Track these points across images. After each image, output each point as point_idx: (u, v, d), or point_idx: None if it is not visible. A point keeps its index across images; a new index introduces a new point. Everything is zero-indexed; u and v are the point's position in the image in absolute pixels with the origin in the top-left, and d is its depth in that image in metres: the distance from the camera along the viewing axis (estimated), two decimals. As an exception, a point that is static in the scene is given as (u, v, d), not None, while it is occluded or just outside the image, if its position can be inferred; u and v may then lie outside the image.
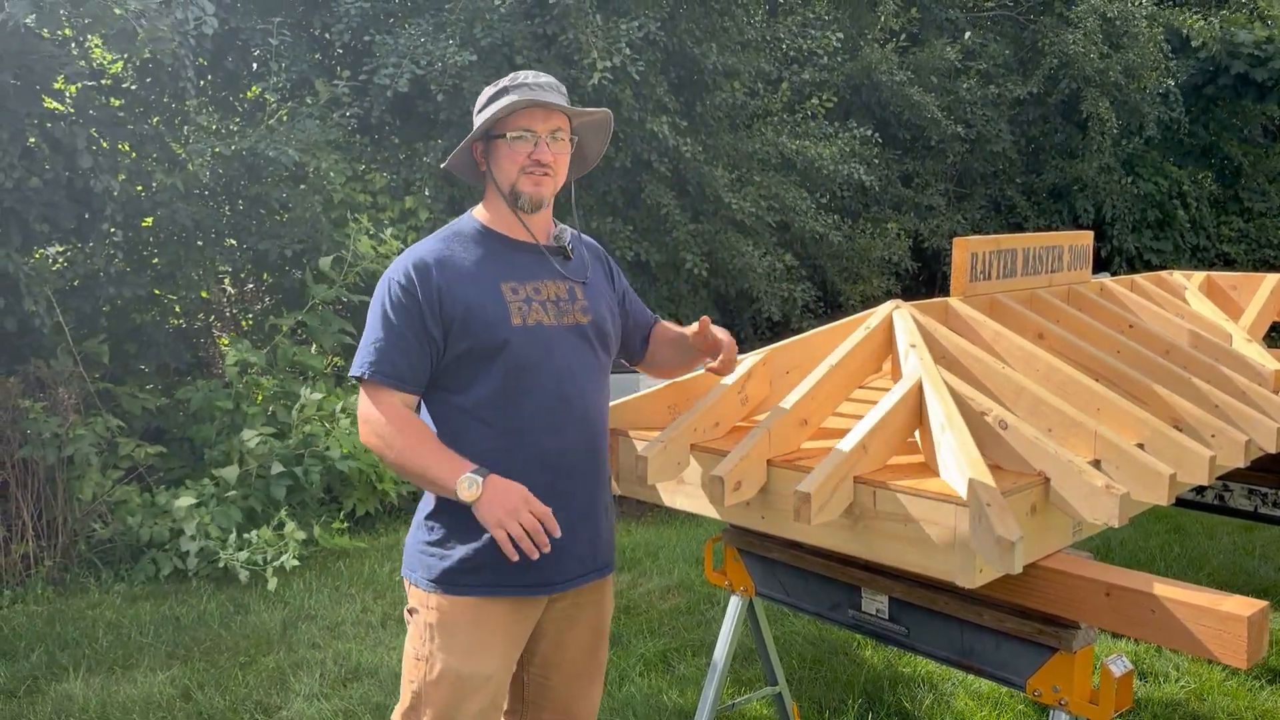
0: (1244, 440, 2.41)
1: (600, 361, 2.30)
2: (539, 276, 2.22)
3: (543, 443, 2.16)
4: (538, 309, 2.18)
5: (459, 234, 2.24)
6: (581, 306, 2.25)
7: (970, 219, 10.91)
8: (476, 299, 2.13)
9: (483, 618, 2.16)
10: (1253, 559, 5.54)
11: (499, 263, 2.20)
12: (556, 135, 2.20)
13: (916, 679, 4.03)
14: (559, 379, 2.18)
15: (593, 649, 2.39)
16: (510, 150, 2.18)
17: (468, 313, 2.12)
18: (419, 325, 2.11)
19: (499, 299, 2.14)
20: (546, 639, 2.32)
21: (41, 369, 5.47)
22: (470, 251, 2.20)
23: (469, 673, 2.15)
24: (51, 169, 5.55)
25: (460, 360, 2.14)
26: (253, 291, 8.04)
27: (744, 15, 8.67)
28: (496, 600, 2.17)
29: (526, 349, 2.14)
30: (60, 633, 4.57)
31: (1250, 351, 3.09)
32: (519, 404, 2.14)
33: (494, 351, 2.12)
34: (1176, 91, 11.52)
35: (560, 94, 2.22)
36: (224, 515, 5.43)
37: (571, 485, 2.21)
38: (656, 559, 5.60)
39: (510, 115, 2.17)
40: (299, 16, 7.65)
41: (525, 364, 2.14)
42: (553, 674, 2.36)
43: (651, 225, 8.03)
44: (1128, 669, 2.08)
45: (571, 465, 2.21)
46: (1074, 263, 3.20)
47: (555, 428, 2.17)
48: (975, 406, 2.15)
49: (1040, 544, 2.04)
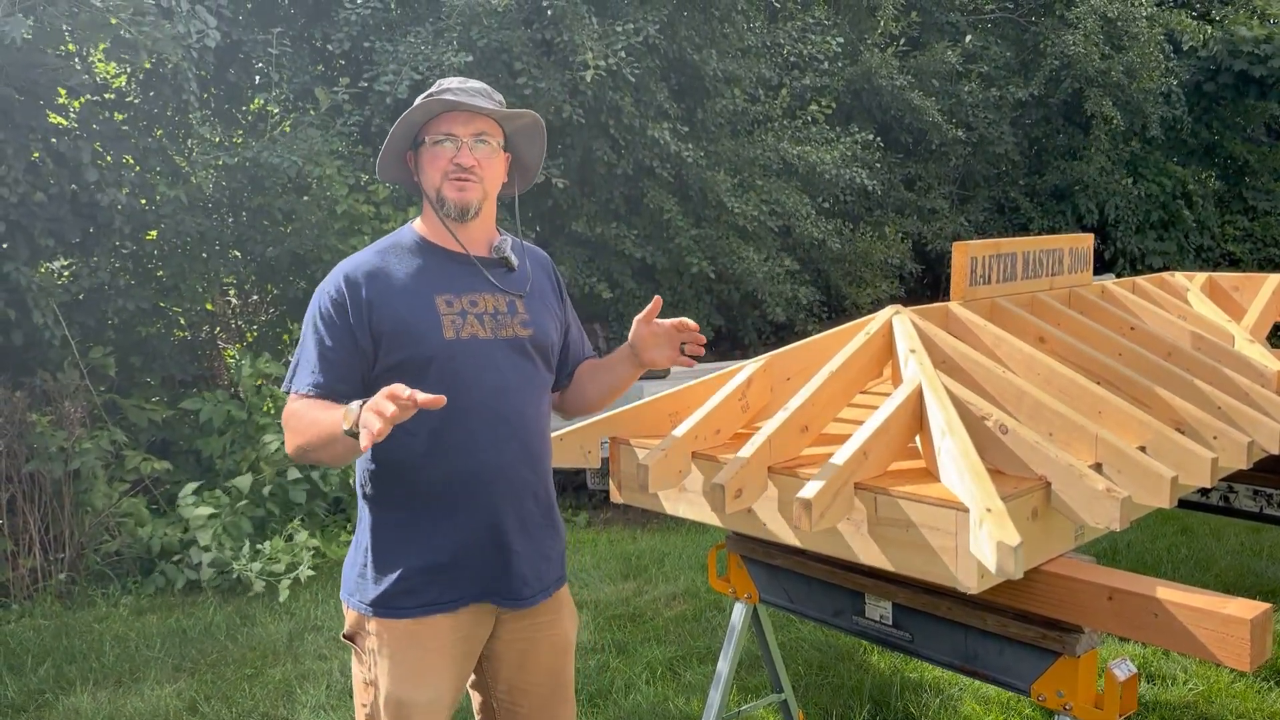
0: (1246, 442, 2.40)
1: (541, 375, 2.25)
2: (476, 289, 2.17)
3: (478, 459, 2.11)
4: (473, 322, 2.13)
5: (397, 245, 2.19)
6: (521, 319, 2.20)
7: (974, 221, 10.91)
8: (408, 311, 2.08)
9: (421, 640, 2.11)
10: (1260, 560, 5.52)
11: (434, 275, 2.14)
12: (481, 139, 2.15)
13: (923, 684, 4.02)
14: (494, 394, 2.13)
15: (558, 669, 2.33)
16: (432, 155, 2.14)
17: (397, 325, 2.07)
18: (348, 338, 2.07)
19: (431, 311, 2.10)
20: (507, 663, 2.27)
21: (48, 382, 5.49)
22: (406, 263, 2.14)
23: (410, 699, 2.10)
24: (56, 183, 5.58)
25: (391, 374, 2.06)
26: (257, 302, 8.07)
27: (743, 21, 8.69)
28: (433, 620, 2.12)
29: (459, 363, 2.09)
30: (68, 646, 4.59)
31: (1253, 352, 3.07)
32: (452, 420, 2.07)
33: (425, 365, 2.07)
34: (1179, 91, 11.52)
35: (489, 99, 2.17)
36: (235, 526, 5.45)
37: (506, 500, 2.15)
38: (662, 566, 5.60)
39: (431, 120, 2.13)
40: (300, 28, 7.69)
41: (458, 379, 2.08)
42: (520, 700, 2.30)
43: (654, 231, 8.04)
44: (1132, 673, 2.07)
45: (508, 481, 2.15)
46: (1075, 265, 3.20)
47: (491, 444, 2.12)
48: (975, 411, 2.14)
49: (1042, 548, 2.03)
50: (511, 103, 7.31)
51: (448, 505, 2.12)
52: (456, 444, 2.10)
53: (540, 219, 7.76)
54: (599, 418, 2.61)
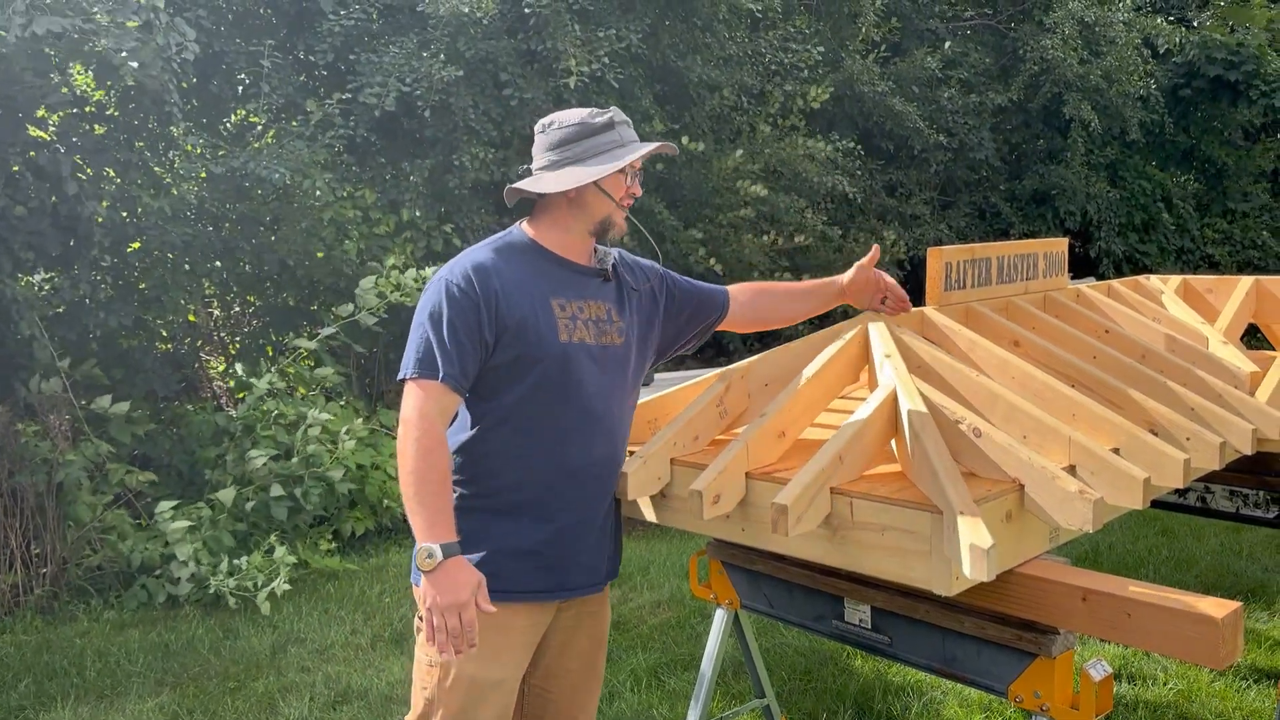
0: (1219, 442, 2.42)
1: (629, 382, 2.38)
2: (584, 296, 2.30)
3: (569, 454, 2.23)
4: (581, 327, 2.26)
5: (511, 245, 2.29)
6: (618, 328, 2.34)
7: (955, 227, 10.97)
8: (530, 310, 2.19)
9: (498, 623, 2.18)
10: (1240, 559, 5.57)
11: (549, 278, 2.26)
12: (637, 173, 2.33)
13: (906, 687, 4.03)
14: (590, 394, 2.25)
15: (592, 659, 2.45)
16: (614, 183, 2.27)
17: (522, 322, 2.17)
18: (473, 327, 2.14)
19: (549, 312, 2.22)
20: (551, 648, 2.38)
21: (32, 395, 5.46)
22: (523, 264, 2.25)
23: (484, 677, 2.19)
24: (36, 196, 5.55)
25: (503, 367, 2.19)
26: (240, 314, 8.04)
27: (725, 31, 8.73)
28: (513, 606, 2.21)
29: (566, 363, 2.21)
30: (48, 662, 4.56)
31: (1226, 354, 3.11)
32: (550, 415, 2.21)
33: (538, 363, 2.19)
34: (1157, 95, 11.63)
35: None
36: (216, 540, 5.43)
37: (594, 497, 2.29)
38: (647, 574, 5.60)
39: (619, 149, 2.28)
40: (282, 39, 7.68)
41: (562, 377, 2.21)
42: (553, 684, 2.41)
43: (648, 231, 8.08)
44: (1107, 673, 2.09)
45: (595, 478, 2.28)
46: (1049, 270, 3.23)
47: (582, 441, 2.24)
48: (949, 415, 2.16)
49: (1016, 550, 2.05)
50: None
51: (538, 499, 2.23)
52: (554, 440, 2.22)
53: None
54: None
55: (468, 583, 2.02)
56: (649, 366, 2.54)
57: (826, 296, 2.67)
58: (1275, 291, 3.66)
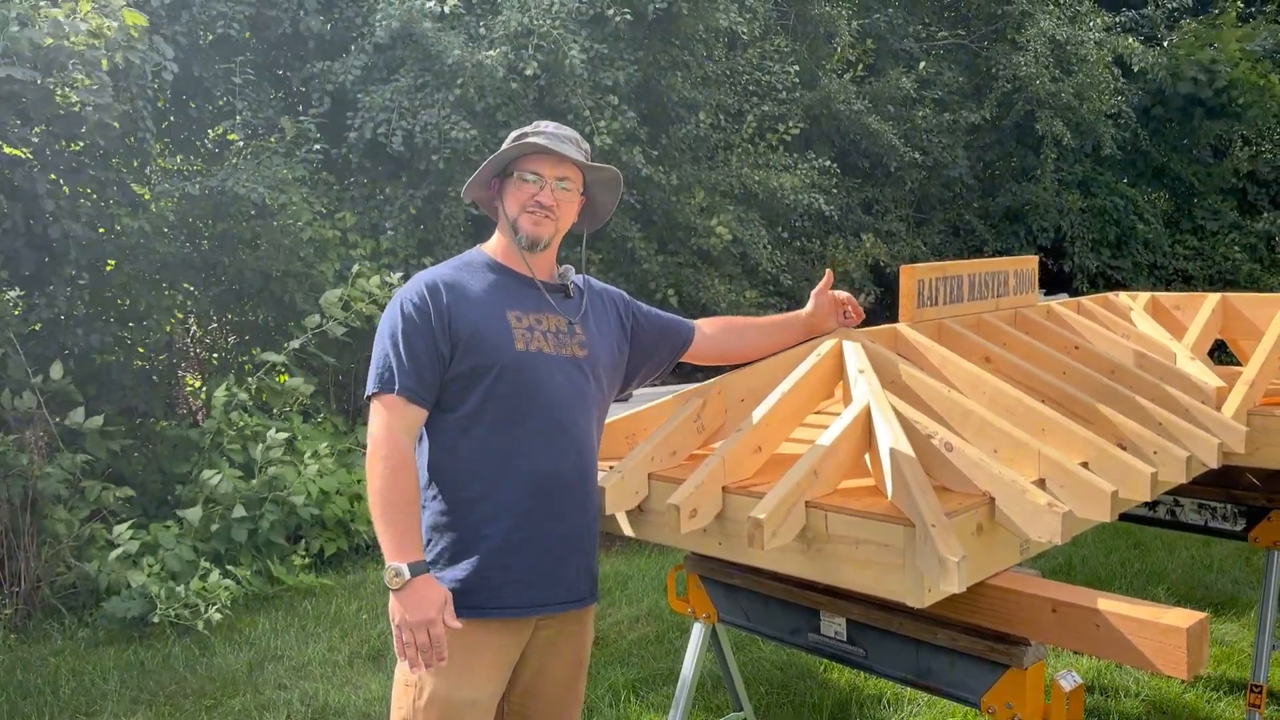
0: (1185, 456, 2.47)
1: (594, 395, 2.39)
2: (541, 309, 2.34)
3: (535, 465, 2.24)
4: (540, 337, 2.29)
5: (469, 264, 2.37)
6: (579, 340, 2.36)
7: (930, 244, 11.08)
8: (483, 320, 2.24)
9: (472, 641, 2.20)
10: (1210, 573, 5.64)
11: (505, 292, 2.32)
12: (563, 183, 2.35)
13: (882, 699, 4.06)
14: (554, 405, 2.27)
15: (572, 681, 2.44)
16: (517, 188, 2.34)
17: (475, 333, 2.22)
18: (428, 339, 2.20)
19: (503, 323, 2.26)
20: (529, 667, 2.37)
21: (5, 410, 5.42)
22: (479, 279, 2.32)
23: (458, 698, 2.20)
24: (9, 215, 5.53)
25: (461, 379, 2.22)
26: (217, 330, 8.01)
27: (704, 50, 8.80)
28: (486, 623, 2.22)
29: (526, 373, 2.24)
30: (22, 681, 4.51)
31: (1193, 369, 3.17)
32: (514, 426, 2.23)
33: (495, 372, 2.22)
34: (1129, 112, 11.81)
35: (577, 149, 2.37)
36: (179, 559, 5.37)
37: (562, 510, 2.28)
38: (626, 588, 5.61)
39: (523, 157, 2.34)
40: (260, 54, 7.67)
41: (523, 387, 2.24)
42: (531, 705, 2.40)
43: (619, 257, 8.10)
44: (1077, 683, 2.13)
45: (562, 490, 2.28)
46: (1020, 287, 3.28)
47: (548, 452, 2.26)
48: (921, 430, 2.20)
49: (987, 563, 2.09)
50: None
51: (507, 511, 2.23)
52: (518, 450, 2.24)
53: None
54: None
55: (435, 600, 2.08)
56: (619, 391, 2.57)
57: (792, 331, 2.73)
58: (1242, 308, 3.73)
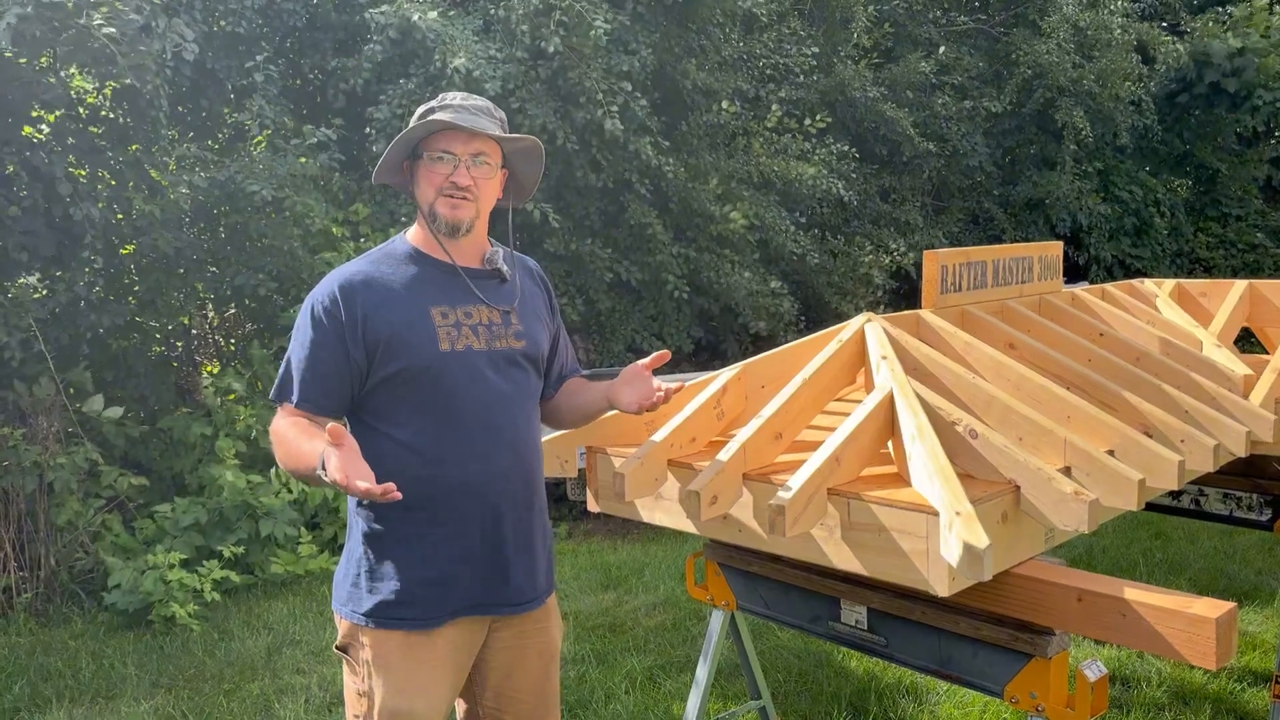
0: (1212, 445, 2.44)
1: (533, 386, 2.27)
2: (470, 301, 2.18)
3: (472, 470, 2.12)
4: (468, 333, 2.14)
5: (390, 255, 2.19)
6: (515, 331, 2.22)
7: (949, 233, 10.99)
8: (403, 323, 2.09)
9: (417, 652, 2.12)
10: (1233, 563, 5.59)
11: (429, 286, 2.15)
12: (479, 159, 2.14)
13: (901, 689, 4.04)
14: (488, 406, 2.14)
15: (545, 678, 2.34)
16: (429, 171, 2.14)
17: (393, 336, 2.07)
18: (338, 349, 2.07)
19: (427, 322, 2.10)
20: (496, 671, 2.28)
21: (22, 397, 5.45)
22: (400, 273, 2.15)
23: (406, 709, 2.11)
24: (30, 197, 5.55)
25: (385, 385, 2.10)
26: (234, 319, 8.02)
27: (720, 34, 8.73)
28: (429, 631, 2.13)
29: (453, 374, 2.10)
30: (43, 664, 4.55)
31: (1220, 357, 3.12)
32: (446, 430, 2.10)
33: (420, 376, 2.08)
34: (1149, 100, 11.67)
35: (490, 118, 2.16)
36: (186, 545, 5.39)
37: (504, 513, 2.17)
38: (642, 576, 5.60)
39: (431, 135, 2.13)
40: (276, 44, 7.65)
41: (453, 390, 2.10)
42: (507, 708, 2.31)
43: (634, 244, 8.05)
44: (1102, 673, 2.10)
45: (501, 493, 2.16)
46: (1044, 273, 3.24)
47: (484, 454, 2.13)
48: (945, 416, 2.17)
49: (1012, 552, 2.06)
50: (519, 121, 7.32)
51: (442, 516, 2.12)
52: (450, 455, 2.11)
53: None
54: (576, 428, 2.62)
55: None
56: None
57: (602, 395, 2.35)
58: (1269, 295, 3.68)
